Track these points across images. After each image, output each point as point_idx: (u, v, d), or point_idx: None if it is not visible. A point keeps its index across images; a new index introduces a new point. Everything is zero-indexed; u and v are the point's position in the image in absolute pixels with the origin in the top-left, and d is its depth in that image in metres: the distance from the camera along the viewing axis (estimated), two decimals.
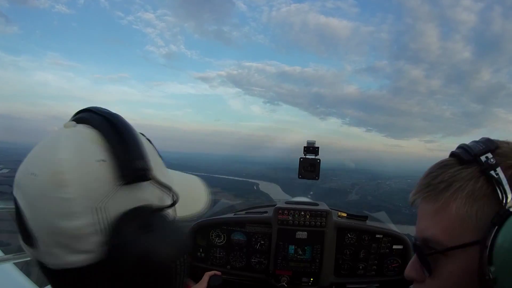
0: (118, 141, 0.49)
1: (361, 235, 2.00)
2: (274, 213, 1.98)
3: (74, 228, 0.45)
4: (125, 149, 0.49)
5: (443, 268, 0.54)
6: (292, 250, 1.94)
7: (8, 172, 8.04)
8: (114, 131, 0.50)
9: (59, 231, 0.45)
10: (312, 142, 1.96)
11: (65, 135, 0.49)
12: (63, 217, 0.45)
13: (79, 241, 0.46)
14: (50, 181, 0.45)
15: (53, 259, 0.47)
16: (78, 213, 0.45)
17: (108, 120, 0.51)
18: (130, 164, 0.48)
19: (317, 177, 1.96)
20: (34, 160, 0.48)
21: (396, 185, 22.97)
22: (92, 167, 0.47)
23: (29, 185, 0.46)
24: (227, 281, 1.95)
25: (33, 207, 0.46)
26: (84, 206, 0.45)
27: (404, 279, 0.66)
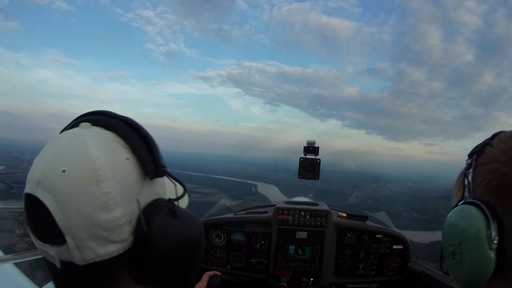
0: (139, 141, 0.56)
1: (361, 235, 2.00)
2: (274, 213, 1.98)
3: (112, 219, 0.50)
4: (148, 149, 0.56)
5: None
6: (292, 250, 1.94)
7: (4, 168, 8.03)
8: (134, 132, 0.56)
9: (97, 224, 0.49)
10: (312, 142, 1.96)
11: (88, 134, 0.53)
12: (102, 210, 0.49)
13: (115, 231, 0.51)
14: (87, 176, 0.49)
15: (85, 253, 0.50)
16: (115, 205, 0.50)
17: (126, 122, 0.57)
18: (154, 162, 0.55)
19: (317, 177, 1.96)
20: (62, 158, 0.50)
21: (397, 188, 22.87)
22: (122, 164, 0.53)
23: (60, 182, 0.49)
24: (227, 281, 1.95)
25: (67, 203, 0.48)
26: (120, 198, 0.50)
27: (404, 279, 0.76)
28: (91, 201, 0.48)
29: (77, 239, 0.49)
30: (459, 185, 0.63)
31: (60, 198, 0.48)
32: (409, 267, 1.96)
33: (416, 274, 1.90)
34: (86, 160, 0.49)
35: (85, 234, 0.49)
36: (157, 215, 0.54)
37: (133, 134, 0.56)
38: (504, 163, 0.53)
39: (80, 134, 0.53)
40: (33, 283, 1.81)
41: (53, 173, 0.49)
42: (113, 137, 0.55)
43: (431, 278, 1.80)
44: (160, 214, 0.54)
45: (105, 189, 0.49)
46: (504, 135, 0.59)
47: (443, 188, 9.44)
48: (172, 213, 0.55)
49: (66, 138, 0.53)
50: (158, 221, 0.53)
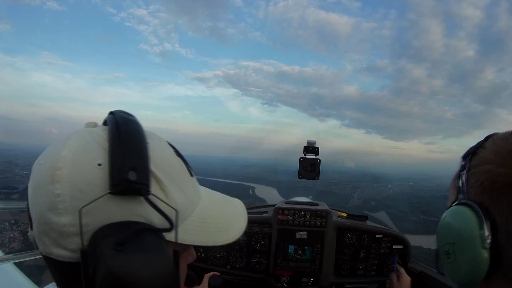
0: (118, 146, 0.48)
1: (361, 235, 2.01)
2: (274, 213, 1.98)
3: (58, 223, 0.46)
4: (122, 156, 0.47)
5: None
6: (292, 250, 1.94)
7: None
8: (118, 135, 0.49)
9: (46, 222, 0.47)
10: (312, 142, 1.96)
11: (79, 134, 0.51)
12: (51, 211, 0.46)
13: (62, 237, 0.47)
14: (47, 174, 0.47)
15: (43, 246, 0.50)
16: (64, 210, 0.46)
17: (116, 123, 0.50)
18: (121, 173, 0.45)
19: (317, 177, 1.96)
20: (46, 152, 0.52)
21: (399, 188, 22.61)
22: (87, 170, 0.46)
23: (35, 173, 0.50)
24: (227, 281, 1.95)
25: (33, 194, 0.50)
26: (70, 204, 0.46)
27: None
28: (44, 198, 0.47)
29: (37, 230, 0.50)
30: (454, 186, 0.64)
31: (31, 188, 0.50)
32: (409, 267, 1.96)
33: (416, 274, 1.90)
34: (54, 157, 0.48)
35: (40, 228, 0.49)
36: (102, 240, 0.44)
37: (116, 137, 0.48)
38: (498, 164, 0.54)
39: (76, 132, 0.53)
40: (33, 283, 1.81)
41: (36, 164, 0.51)
42: (101, 139, 0.50)
43: (431, 278, 1.80)
44: (105, 240, 0.44)
45: (57, 191, 0.46)
46: (497, 136, 0.60)
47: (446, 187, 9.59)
48: (117, 245, 0.43)
49: (67, 136, 0.53)
50: (98, 247, 0.44)
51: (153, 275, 0.44)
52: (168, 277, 0.46)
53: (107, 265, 0.42)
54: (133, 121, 0.53)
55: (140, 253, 0.44)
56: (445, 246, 0.58)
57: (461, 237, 0.55)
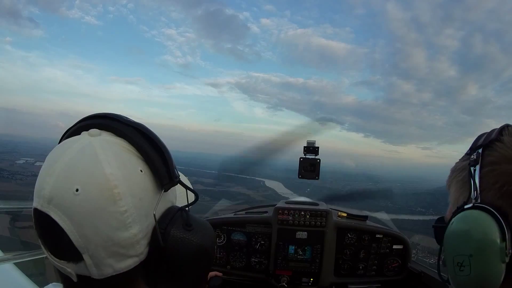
0: (153, 152, 0.53)
1: (361, 235, 2.00)
2: (274, 213, 1.97)
3: (130, 236, 0.49)
4: (162, 159, 0.54)
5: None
6: (292, 250, 1.94)
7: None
8: (148, 142, 0.54)
9: (116, 242, 0.48)
10: (312, 142, 1.95)
11: (99, 146, 0.50)
12: (120, 229, 0.48)
13: (133, 247, 0.50)
14: (103, 196, 0.47)
15: (103, 270, 0.49)
16: (133, 222, 0.49)
17: (139, 130, 0.54)
18: (169, 174, 0.54)
19: (317, 177, 1.95)
20: (74, 175, 0.48)
21: (385, 187, 23.40)
22: (137, 178, 0.51)
23: (74, 202, 0.46)
24: (227, 281, 1.95)
25: (85, 223, 0.47)
26: (136, 215, 0.49)
27: (405, 279, 0.75)
28: (108, 221, 0.47)
29: (95, 258, 0.48)
30: (461, 182, 0.58)
31: (76, 218, 0.46)
32: (409, 267, 1.96)
33: (416, 274, 1.90)
34: (100, 178, 0.47)
35: (103, 253, 0.48)
36: (172, 228, 0.54)
37: (147, 144, 0.53)
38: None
39: (90, 144, 0.50)
40: (33, 283, 1.80)
41: (66, 192, 0.47)
42: (125, 146, 0.52)
43: (431, 278, 1.80)
44: (175, 227, 0.54)
45: (122, 208, 0.48)
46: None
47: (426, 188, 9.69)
48: (187, 226, 0.55)
49: (75, 149, 0.50)
50: (174, 234, 0.53)
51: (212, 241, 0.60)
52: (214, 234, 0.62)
53: (194, 243, 0.55)
54: (144, 124, 0.57)
55: (199, 226, 0.57)
56: (458, 257, 0.52)
57: (480, 249, 0.49)
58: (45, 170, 0.49)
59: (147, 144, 0.53)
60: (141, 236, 0.51)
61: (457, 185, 0.60)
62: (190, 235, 0.55)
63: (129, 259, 0.51)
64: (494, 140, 0.55)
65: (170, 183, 0.54)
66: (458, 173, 0.60)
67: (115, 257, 0.49)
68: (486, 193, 0.53)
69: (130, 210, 0.49)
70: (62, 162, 0.48)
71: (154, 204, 0.52)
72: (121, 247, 0.49)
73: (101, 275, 0.50)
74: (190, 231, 0.55)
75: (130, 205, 0.49)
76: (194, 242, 0.55)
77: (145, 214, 0.51)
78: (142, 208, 0.51)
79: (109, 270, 0.50)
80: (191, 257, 0.55)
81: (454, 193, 0.61)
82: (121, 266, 0.50)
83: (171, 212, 0.56)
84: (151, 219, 0.52)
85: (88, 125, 0.54)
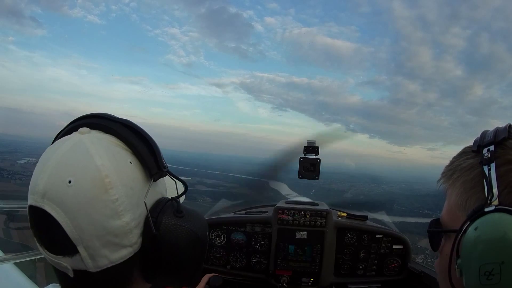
0: (141, 144, 0.56)
1: (361, 235, 2.00)
2: (274, 213, 1.97)
3: (123, 225, 0.51)
4: (150, 151, 0.56)
5: (442, 248, 0.62)
6: (292, 250, 1.93)
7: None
8: (135, 135, 0.56)
9: (109, 231, 0.50)
10: (312, 142, 1.94)
11: (89, 141, 0.52)
12: (112, 217, 0.50)
13: (126, 236, 0.52)
14: (94, 186, 0.49)
15: (98, 261, 0.51)
16: (124, 210, 0.51)
17: (126, 125, 0.57)
18: (157, 164, 0.56)
19: (317, 176, 1.94)
20: (67, 169, 0.50)
21: (390, 188, 23.68)
22: (127, 169, 0.53)
23: (68, 193, 0.48)
24: (227, 281, 1.95)
25: (78, 214, 0.48)
26: (128, 203, 0.51)
27: (405, 279, 0.72)
28: (101, 210, 0.49)
29: (89, 249, 0.49)
30: (468, 183, 0.55)
31: (70, 209, 0.48)
32: (409, 267, 1.95)
33: (416, 274, 1.89)
34: (92, 169, 0.49)
35: (97, 243, 0.49)
36: (164, 216, 0.56)
37: (134, 137, 0.56)
38: None
39: (81, 141, 0.52)
40: (33, 283, 1.81)
41: (59, 185, 0.48)
42: (114, 141, 0.55)
43: (431, 278, 1.79)
44: (166, 215, 0.56)
45: (114, 196, 0.50)
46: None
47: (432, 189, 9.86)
48: (178, 212, 0.58)
49: (67, 146, 0.52)
50: (165, 221, 0.56)
51: (204, 228, 0.61)
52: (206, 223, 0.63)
53: (185, 228, 0.57)
54: (130, 120, 0.59)
55: (190, 213, 0.59)
56: (486, 266, 0.47)
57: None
58: (38, 168, 0.51)
59: (134, 137, 0.56)
60: (133, 224, 0.52)
61: (464, 186, 0.56)
62: (181, 221, 0.57)
63: (123, 249, 0.52)
64: (508, 138, 0.52)
65: (158, 173, 0.57)
66: (464, 172, 0.56)
67: (109, 247, 0.51)
68: (507, 194, 0.49)
69: (122, 198, 0.51)
70: (54, 159, 0.50)
71: (144, 193, 0.55)
72: (114, 236, 0.50)
73: (97, 267, 0.51)
74: (181, 218, 0.57)
75: (121, 194, 0.51)
76: (185, 227, 0.57)
77: (136, 203, 0.53)
78: (133, 197, 0.52)
79: (105, 261, 0.51)
80: (183, 242, 0.56)
81: (459, 194, 0.56)
82: (116, 256, 0.52)
83: (162, 202, 0.58)
84: (142, 208, 0.54)
85: (78, 125, 0.56)
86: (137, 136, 0.57)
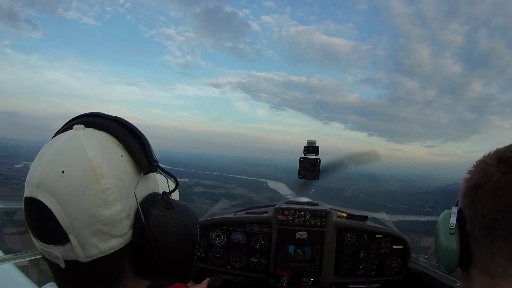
0: (132, 139, 0.58)
1: (361, 235, 2.00)
2: (274, 213, 1.97)
3: (112, 214, 0.52)
4: (140, 145, 0.59)
5: None
6: (292, 250, 1.93)
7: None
8: (126, 131, 0.59)
9: (99, 220, 0.51)
10: (312, 142, 1.95)
11: (83, 136, 0.55)
12: (102, 206, 0.52)
13: (115, 226, 0.53)
14: (86, 175, 0.51)
15: (88, 250, 0.52)
16: (114, 200, 0.53)
17: (117, 122, 0.60)
18: (147, 158, 0.59)
19: (317, 177, 1.95)
20: (60, 160, 0.52)
21: (390, 186, 24.03)
22: (118, 161, 0.55)
23: (60, 182, 0.50)
24: (227, 281, 1.95)
25: (70, 202, 0.50)
26: (118, 194, 0.53)
27: (404, 279, 0.79)
28: (92, 198, 0.51)
29: (80, 237, 0.51)
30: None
31: (62, 198, 0.50)
32: (409, 267, 1.96)
33: (416, 274, 1.90)
34: (84, 160, 0.52)
35: (87, 231, 0.51)
36: (154, 208, 0.57)
37: (125, 133, 0.59)
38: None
39: (75, 135, 0.55)
40: (33, 283, 1.81)
41: (52, 175, 0.50)
42: (106, 137, 0.57)
43: (431, 278, 1.80)
44: (156, 207, 0.57)
45: (104, 186, 0.52)
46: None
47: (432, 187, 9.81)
48: (167, 205, 0.59)
49: (61, 140, 0.55)
50: (155, 213, 0.57)
51: (195, 221, 0.62)
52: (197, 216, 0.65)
53: (174, 219, 0.58)
54: (122, 118, 0.62)
55: (180, 206, 0.61)
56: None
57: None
58: (34, 162, 0.54)
59: (126, 133, 0.59)
60: (123, 215, 0.54)
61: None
62: (171, 212, 0.58)
63: (113, 239, 0.54)
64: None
65: (149, 167, 0.59)
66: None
67: (99, 235, 0.52)
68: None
69: (112, 188, 0.52)
70: (49, 152, 0.53)
71: (135, 186, 0.56)
72: (104, 225, 0.52)
73: (87, 256, 0.52)
74: (170, 209, 0.58)
75: (112, 184, 0.52)
76: (175, 217, 0.58)
77: (126, 195, 0.55)
78: (124, 189, 0.54)
79: (95, 251, 0.52)
80: (173, 233, 0.57)
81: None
82: (105, 246, 0.53)
83: (153, 196, 0.60)
84: (132, 200, 0.56)
85: (73, 124, 0.59)
86: (128, 132, 0.59)
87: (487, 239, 0.61)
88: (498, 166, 0.62)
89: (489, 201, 0.61)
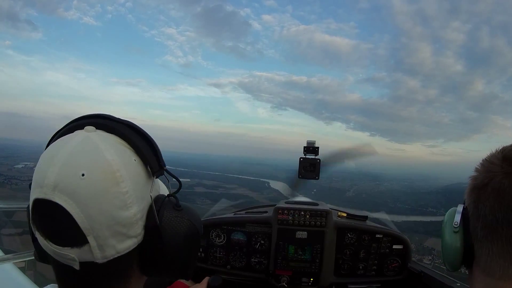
0: (144, 144, 0.61)
1: (361, 235, 2.00)
2: (274, 213, 1.97)
3: (130, 216, 0.55)
4: (152, 150, 0.62)
5: None
6: (292, 250, 1.93)
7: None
8: (138, 136, 0.62)
9: (118, 221, 0.53)
10: (312, 142, 1.95)
11: (98, 138, 0.57)
12: (122, 208, 0.54)
13: (132, 227, 0.56)
14: (107, 178, 0.52)
15: (106, 251, 0.53)
16: (132, 203, 0.55)
17: (129, 126, 0.62)
18: (158, 162, 0.62)
19: (317, 177, 1.94)
20: (78, 162, 0.52)
21: (392, 186, 24.16)
22: (133, 165, 0.58)
23: (80, 185, 0.51)
24: (227, 281, 1.95)
25: (90, 205, 0.51)
26: (135, 196, 0.56)
27: (404, 279, 0.80)
28: (112, 201, 0.52)
29: (99, 238, 0.52)
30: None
31: (82, 200, 0.50)
32: (409, 267, 1.95)
33: (416, 274, 1.89)
34: (103, 163, 0.53)
35: (107, 233, 0.52)
36: (165, 209, 0.61)
37: (137, 137, 0.61)
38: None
39: (88, 137, 0.56)
40: (33, 283, 1.81)
41: (71, 177, 0.51)
42: (118, 140, 0.59)
43: (431, 278, 1.79)
44: (167, 208, 0.62)
45: (124, 189, 0.54)
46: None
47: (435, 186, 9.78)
48: (177, 206, 0.63)
49: (75, 142, 0.55)
50: (167, 214, 0.61)
51: (200, 221, 0.67)
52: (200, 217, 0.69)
53: (185, 220, 0.62)
54: (132, 122, 0.64)
55: (187, 207, 0.65)
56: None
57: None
58: (45, 163, 0.53)
59: (137, 137, 0.61)
60: (139, 216, 0.57)
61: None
62: (181, 214, 0.63)
63: (128, 239, 0.56)
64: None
65: (160, 171, 0.63)
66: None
67: (117, 236, 0.54)
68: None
69: (130, 191, 0.55)
70: (64, 153, 0.53)
71: (148, 188, 0.60)
72: (122, 226, 0.54)
73: (104, 257, 0.54)
74: (180, 211, 0.63)
75: (130, 187, 0.55)
76: (185, 219, 0.63)
77: (141, 197, 0.58)
78: (139, 191, 0.57)
79: (112, 251, 0.54)
80: (184, 233, 0.62)
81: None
82: (122, 246, 0.56)
83: (161, 198, 0.63)
84: (146, 202, 0.59)
85: (81, 124, 0.59)
86: (140, 136, 0.61)
87: (488, 239, 0.61)
88: (502, 165, 0.62)
89: (491, 201, 0.61)
